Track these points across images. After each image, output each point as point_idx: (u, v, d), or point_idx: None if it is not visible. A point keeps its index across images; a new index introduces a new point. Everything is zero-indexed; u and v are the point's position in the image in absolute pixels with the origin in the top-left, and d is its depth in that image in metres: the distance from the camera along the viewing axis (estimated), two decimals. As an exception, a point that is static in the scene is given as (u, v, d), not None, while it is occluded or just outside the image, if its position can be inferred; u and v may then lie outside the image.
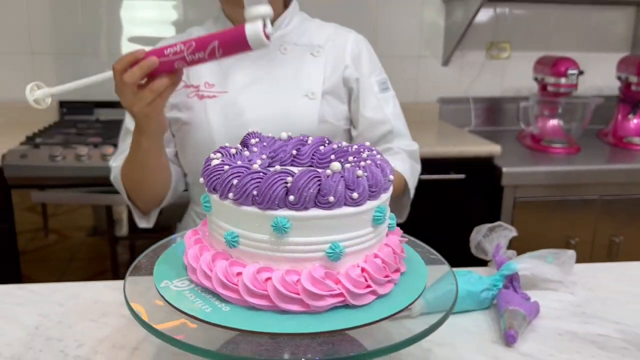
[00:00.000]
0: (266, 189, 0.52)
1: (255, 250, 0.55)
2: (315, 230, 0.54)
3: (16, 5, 2.16)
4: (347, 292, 0.53)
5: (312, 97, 1.05)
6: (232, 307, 0.53)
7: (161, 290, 0.56)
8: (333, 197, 0.53)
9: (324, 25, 1.16)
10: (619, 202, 2.02)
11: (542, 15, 2.52)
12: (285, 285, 0.52)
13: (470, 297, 0.75)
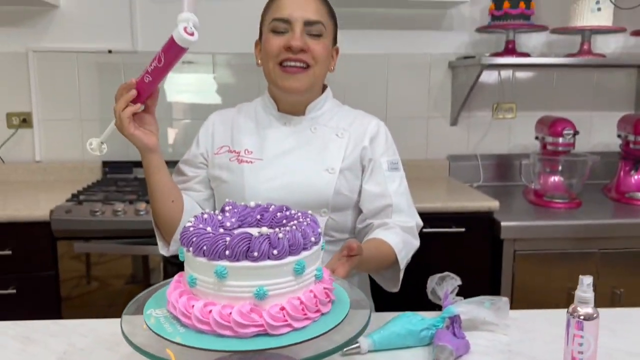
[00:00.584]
0: (211, 245, 0.72)
1: (205, 289, 0.74)
2: (246, 276, 0.73)
3: (69, 77, 2.48)
4: (266, 324, 0.71)
5: (331, 171, 1.21)
6: (187, 330, 0.73)
7: (145, 316, 0.76)
8: (257, 253, 0.72)
9: (351, 111, 1.35)
10: (618, 255, 2.11)
11: (545, 78, 2.68)
12: (221, 316, 0.70)
13: (411, 335, 0.91)
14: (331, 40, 1.27)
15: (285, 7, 1.19)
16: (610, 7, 2.35)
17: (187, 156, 1.34)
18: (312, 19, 1.19)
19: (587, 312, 0.78)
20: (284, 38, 1.18)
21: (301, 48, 1.16)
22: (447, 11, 2.60)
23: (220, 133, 1.31)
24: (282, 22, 1.19)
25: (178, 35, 0.98)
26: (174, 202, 1.20)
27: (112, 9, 2.45)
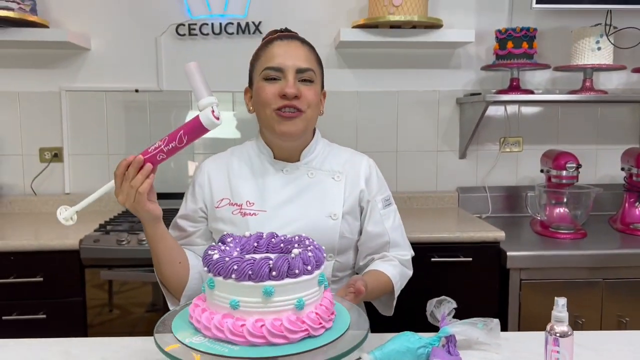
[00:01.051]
0: (257, 269, 0.82)
1: (251, 309, 0.83)
2: (288, 291, 0.83)
3: (99, 115, 2.65)
4: (310, 328, 0.82)
5: (334, 218, 1.28)
6: (240, 347, 0.81)
7: (190, 344, 0.82)
8: (298, 270, 0.83)
9: (341, 150, 1.42)
10: (623, 284, 2.18)
11: (550, 113, 2.79)
12: (274, 327, 0.80)
13: (409, 352, 1.01)
14: (320, 85, 1.33)
15: (277, 56, 1.25)
16: (610, 46, 2.47)
17: (184, 211, 1.35)
18: (303, 66, 1.25)
19: (563, 330, 0.88)
20: (278, 86, 1.23)
21: (295, 95, 1.22)
22: (454, 51, 2.73)
23: (218, 184, 1.33)
24: (274, 70, 1.24)
25: (207, 120, 1.04)
26: (181, 264, 1.24)
27: (139, 51, 2.63)
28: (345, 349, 0.82)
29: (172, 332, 0.86)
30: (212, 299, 0.86)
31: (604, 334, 1.17)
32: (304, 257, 0.85)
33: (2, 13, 2.28)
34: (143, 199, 1.08)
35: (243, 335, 0.81)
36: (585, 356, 1.06)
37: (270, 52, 1.27)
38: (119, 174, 1.08)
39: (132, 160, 1.07)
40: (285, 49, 1.26)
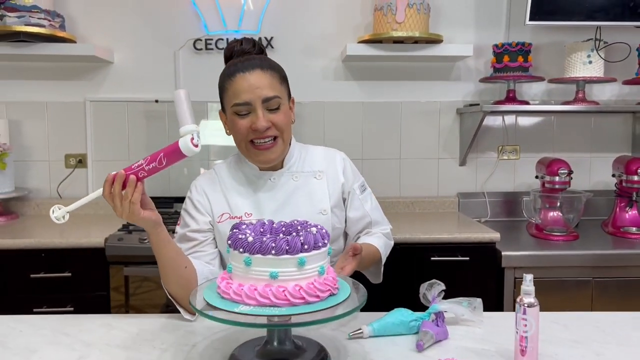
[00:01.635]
0: (292, 242, 0.97)
1: (288, 277, 0.96)
2: (314, 260, 0.99)
3: (120, 124, 2.84)
4: (331, 288, 0.99)
5: (324, 213, 1.42)
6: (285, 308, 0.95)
7: (239, 310, 0.94)
8: (320, 243, 1.00)
9: (315, 149, 1.53)
10: (612, 283, 2.31)
11: (546, 122, 2.94)
12: (309, 289, 0.96)
13: (402, 324, 1.17)
14: (287, 100, 1.39)
15: (242, 92, 1.30)
16: (600, 60, 2.63)
17: (196, 226, 1.41)
18: (269, 95, 1.30)
19: (530, 301, 1.03)
20: (249, 119, 1.32)
21: (266, 127, 1.31)
22: (454, 64, 2.90)
23: (215, 200, 1.42)
24: (242, 106, 1.31)
25: (185, 146, 1.11)
26: (187, 268, 1.30)
27: (159, 64, 2.82)
28: (360, 302, 1.00)
29: (213, 306, 0.97)
30: (248, 274, 0.98)
31: (576, 314, 1.32)
32: (321, 233, 1.02)
33: (34, 29, 2.48)
34: (137, 209, 1.14)
35: (286, 298, 0.95)
36: (556, 330, 1.21)
37: (235, 87, 1.31)
38: (107, 194, 1.15)
39: (112, 178, 1.14)
40: (249, 82, 1.30)
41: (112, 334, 1.20)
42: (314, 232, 1.01)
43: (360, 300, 1.00)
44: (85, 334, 1.20)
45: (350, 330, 1.18)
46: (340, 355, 1.08)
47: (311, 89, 2.85)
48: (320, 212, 1.43)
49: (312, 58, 2.85)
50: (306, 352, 1.04)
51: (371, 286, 1.64)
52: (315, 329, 1.20)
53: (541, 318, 1.25)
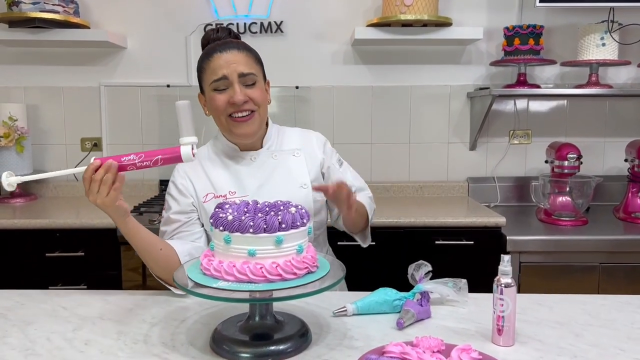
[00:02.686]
0: (270, 221, 1.00)
1: (266, 255, 0.99)
2: (292, 239, 1.02)
3: (134, 108, 2.90)
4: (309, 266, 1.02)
5: (305, 187, 1.48)
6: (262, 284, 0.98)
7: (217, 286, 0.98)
8: (299, 222, 1.02)
9: (291, 130, 1.60)
10: (619, 269, 2.30)
11: (558, 106, 2.90)
12: (286, 266, 0.99)
13: (386, 303, 1.19)
14: (263, 80, 1.46)
15: (220, 68, 1.37)
16: (614, 42, 2.58)
17: (178, 208, 1.46)
18: (244, 71, 1.37)
19: (507, 282, 1.04)
20: (227, 94, 1.38)
21: (244, 101, 1.37)
22: (465, 47, 2.87)
23: (198, 181, 1.47)
24: (220, 80, 1.37)
25: (186, 155, 1.20)
26: (162, 250, 1.34)
27: (170, 49, 2.86)
28: (338, 278, 1.03)
29: (195, 282, 1.00)
30: (228, 252, 1.01)
31: (563, 296, 1.32)
32: (300, 213, 1.04)
33: (49, 16, 2.54)
34: (116, 196, 1.19)
35: (263, 275, 0.98)
36: (540, 311, 1.22)
37: (213, 65, 1.38)
38: (87, 177, 1.18)
39: (98, 164, 1.17)
40: (225, 59, 1.37)
41: (107, 309, 1.25)
42: (293, 211, 1.03)
43: (338, 276, 1.03)
44: (82, 308, 1.26)
45: (335, 308, 1.21)
46: (323, 331, 1.11)
47: (320, 73, 2.86)
48: (301, 186, 1.48)
49: (322, 42, 2.86)
50: (287, 326, 1.08)
51: (374, 269, 1.68)
52: (300, 307, 1.24)
53: (528, 300, 1.27)
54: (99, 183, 1.17)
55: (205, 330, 1.11)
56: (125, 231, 1.28)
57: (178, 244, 1.39)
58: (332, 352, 1.02)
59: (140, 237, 1.30)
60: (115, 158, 1.19)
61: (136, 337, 1.10)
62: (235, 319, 1.11)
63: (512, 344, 1.05)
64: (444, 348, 1.00)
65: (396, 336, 1.09)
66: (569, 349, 1.03)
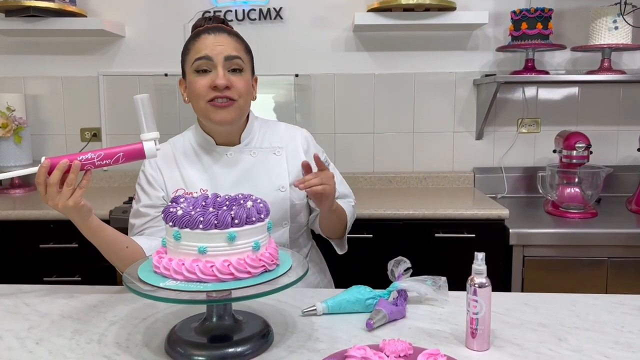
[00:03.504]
0: (222, 218, 0.94)
1: (217, 252, 0.93)
2: (247, 236, 0.95)
3: (132, 97, 2.85)
4: (266, 264, 0.96)
5: (282, 190, 1.39)
6: (212, 284, 0.92)
7: (164, 285, 0.92)
8: (254, 218, 0.96)
9: (276, 125, 1.51)
10: (629, 263, 2.19)
11: (569, 94, 2.78)
12: (239, 265, 0.92)
13: (358, 302, 1.12)
14: (250, 73, 1.38)
15: (205, 47, 1.29)
16: (627, 26, 2.45)
17: (148, 201, 1.39)
18: (231, 54, 1.30)
19: (481, 282, 0.96)
20: (209, 77, 1.29)
21: (226, 85, 1.28)
22: (471, 32, 2.77)
23: (169, 175, 1.40)
24: (204, 60, 1.28)
25: (150, 151, 1.15)
26: (129, 247, 1.27)
27: (168, 38, 2.81)
28: (296, 277, 0.96)
29: (143, 281, 0.95)
30: (178, 249, 0.97)
31: (551, 295, 1.23)
32: (257, 207, 0.98)
33: (43, 4, 2.50)
34: (80, 196, 1.12)
35: (214, 274, 0.92)
36: (525, 312, 1.14)
37: (198, 44, 1.31)
38: (41, 181, 1.09)
39: (48, 165, 1.09)
40: (213, 40, 1.30)
41: (70, 305, 1.21)
42: (249, 206, 0.97)
43: (299, 274, 0.96)
44: (44, 305, 1.21)
45: (305, 306, 1.14)
46: (287, 332, 1.05)
47: (321, 60, 2.78)
48: (279, 189, 1.40)
49: (322, 29, 2.77)
50: (247, 327, 1.02)
51: (369, 262, 1.61)
52: (270, 305, 1.18)
53: (513, 299, 1.19)
54: (56, 186, 1.09)
55: (165, 330, 1.06)
56: (88, 232, 1.21)
57: (145, 241, 1.32)
58: (292, 355, 0.96)
59: (105, 236, 1.23)
60: (71, 157, 1.12)
61: (91, 337, 1.05)
62: (193, 319, 1.06)
63: (487, 348, 0.98)
64: (411, 352, 0.93)
65: (364, 338, 1.02)
66: (547, 355, 0.95)
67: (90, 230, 1.21)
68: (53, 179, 1.09)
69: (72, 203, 1.11)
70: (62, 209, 1.12)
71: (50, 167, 1.10)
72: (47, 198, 1.12)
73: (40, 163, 1.12)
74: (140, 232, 1.38)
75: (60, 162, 1.10)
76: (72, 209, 1.13)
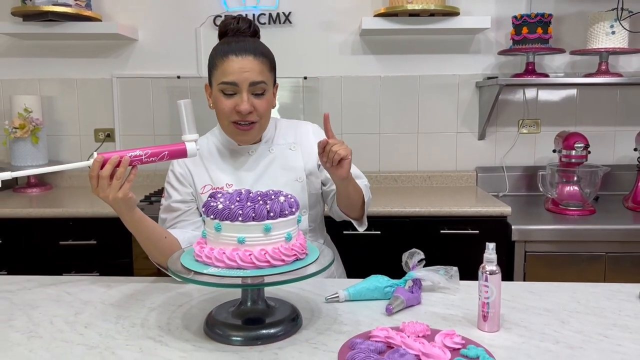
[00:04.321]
0: (258, 210, 1.04)
1: (254, 242, 1.03)
2: (281, 227, 1.05)
3: (145, 99, 2.95)
4: (298, 253, 1.05)
5: (300, 180, 1.51)
6: (250, 270, 1.01)
7: (212, 272, 1.02)
8: (287, 211, 1.05)
9: (289, 123, 1.62)
10: (626, 258, 2.29)
11: (568, 95, 2.88)
12: (274, 253, 1.02)
13: (377, 290, 1.22)
14: (272, 86, 1.46)
15: (232, 72, 1.36)
16: (624, 30, 2.55)
17: (179, 197, 1.49)
18: (256, 80, 1.37)
19: (492, 269, 1.06)
20: (233, 100, 1.39)
21: (248, 111, 1.38)
22: (474, 36, 2.87)
23: (197, 173, 1.50)
24: (229, 85, 1.37)
25: (192, 150, 1.27)
26: (167, 238, 1.37)
27: (181, 41, 2.90)
28: (325, 265, 1.06)
29: (187, 268, 1.05)
30: (219, 239, 1.05)
31: (554, 284, 1.33)
32: (289, 202, 1.08)
33: (61, 9, 2.59)
34: (128, 188, 1.21)
35: (252, 261, 1.02)
36: (529, 299, 1.24)
37: (225, 66, 1.37)
38: (94, 174, 1.19)
39: (102, 160, 1.19)
40: (240, 65, 1.36)
41: (109, 294, 1.30)
42: (282, 200, 1.07)
43: (326, 263, 1.06)
44: (85, 293, 1.31)
45: (328, 294, 1.24)
46: (314, 316, 1.15)
47: (328, 63, 2.88)
48: (297, 180, 1.51)
49: (330, 33, 2.87)
50: (278, 311, 1.11)
51: (378, 258, 1.70)
52: (295, 293, 1.27)
53: (518, 287, 1.29)
54: (107, 180, 1.18)
55: (201, 315, 1.15)
56: (132, 223, 1.29)
57: (179, 233, 1.42)
58: (321, 336, 1.06)
59: (146, 227, 1.32)
60: (121, 153, 1.21)
61: (134, 321, 1.14)
62: (229, 304, 1.15)
63: (497, 329, 1.07)
64: (429, 333, 1.03)
65: (384, 322, 1.12)
66: (552, 335, 1.05)
67: (134, 221, 1.29)
68: (105, 172, 1.18)
69: (121, 195, 1.20)
70: (112, 200, 1.21)
71: (102, 162, 1.19)
72: (99, 190, 1.20)
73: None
74: (173, 225, 1.48)
75: (112, 157, 1.19)
76: (121, 200, 1.21)
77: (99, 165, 1.19)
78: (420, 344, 0.95)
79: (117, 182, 1.19)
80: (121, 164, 1.20)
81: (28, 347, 1.03)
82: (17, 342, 1.05)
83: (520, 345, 1.01)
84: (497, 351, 0.98)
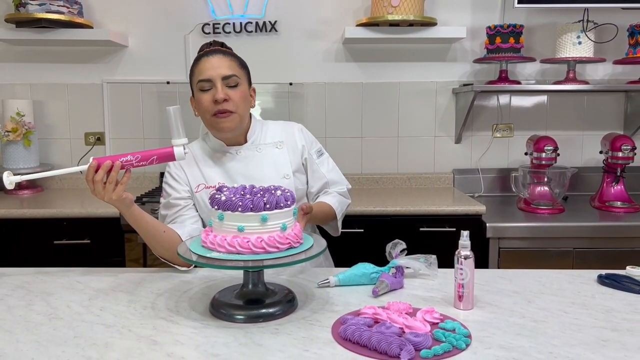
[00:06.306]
0: (256, 202, 1.16)
1: (252, 231, 1.15)
2: (276, 218, 1.17)
3: (135, 104, 3.05)
4: (292, 242, 1.17)
5: (287, 177, 1.64)
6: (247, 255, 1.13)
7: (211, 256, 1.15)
8: (282, 204, 1.18)
9: (275, 124, 1.75)
10: (592, 253, 2.45)
11: (539, 101, 3.06)
12: (270, 241, 1.14)
13: (364, 276, 1.35)
14: (247, 85, 1.61)
15: (206, 70, 1.53)
16: (589, 41, 2.73)
17: (178, 195, 1.61)
18: (227, 73, 1.53)
19: (466, 254, 1.20)
20: (210, 94, 1.53)
21: (224, 98, 1.51)
22: (451, 45, 3.03)
23: (191, 173, 1.63)
24: (205, 82, 1.53)
25: (179, 154, 1.36)
26: (166, 232, 1.48)
27: (170, 47, 3.01)
28: (317, 251, 1.19)
29: (194, 252, 1.17)
30: (222, 227, 1.17)
31: (523, 271, 1.48)
32: (285, 196, 1.20)
33: (54, 16, 2.68)
34: (122, 191, 1.33)
35: (249, 247, 1.14)
36: (501, 283, 1.38)
37: (200, 68, 1.55)
38: (89, 179, 1.31)
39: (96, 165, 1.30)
40: (211, 62, 1.54)
41: (117, 282, 1.41)
42: (278, 194, 1.19)
43: (318, 250, 1.18)
44: (94, 282, 1.41)
45: (319, 280, 1.36)
46: (308, 299, 1.27)
47: (313, 70, 3.01)
48: (284, 177, 1.64)
49: (314, 41, 3.01)
50: (276, 294, 1.23)
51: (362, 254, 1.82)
52: (289, 280, 1.39)
53: (491, 274, 1.43)
54: (101, 183, 1.30)
55: (205, 299, 1.27)
56: (132, 219, 1.41)
57: (178, 227, 1.54)
58: (315, 314, 1.18)
59: (145, 222, 1.44)
60: (113, 158, 1.33)
61: (145, 305, 1.25)
62: (231, 288, 1.27)
63: (471, 308, 1.21)
64: (411, 311, 1.16)
65: (372, 302, 1.24)
66: (519, 312, 1.19)
67: (133, 218, 1.41)
68: (98, 177, 1.31)
69: (115, 197, 1.33)
70: (107, 201, 1.34)
71: (97, 167, 1.32)
72: (96, 193, 1.33)
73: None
74: (173, 220, 1.59)
75: (104, 163, 1.32)
76: (116, 201, 1.35)
77: (93, 170, 1.31)
78: (403, 319, 1.08)
79: (110, 185, 1.32)
80: (113, 169, 1.32)
81: (52, 327, 1.13)
82: (40, 323, 1.15)
83: (492, 320, 1.15)
84: (471, 325, 1.11)
